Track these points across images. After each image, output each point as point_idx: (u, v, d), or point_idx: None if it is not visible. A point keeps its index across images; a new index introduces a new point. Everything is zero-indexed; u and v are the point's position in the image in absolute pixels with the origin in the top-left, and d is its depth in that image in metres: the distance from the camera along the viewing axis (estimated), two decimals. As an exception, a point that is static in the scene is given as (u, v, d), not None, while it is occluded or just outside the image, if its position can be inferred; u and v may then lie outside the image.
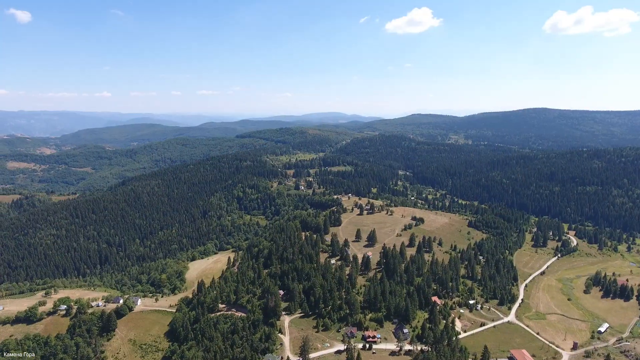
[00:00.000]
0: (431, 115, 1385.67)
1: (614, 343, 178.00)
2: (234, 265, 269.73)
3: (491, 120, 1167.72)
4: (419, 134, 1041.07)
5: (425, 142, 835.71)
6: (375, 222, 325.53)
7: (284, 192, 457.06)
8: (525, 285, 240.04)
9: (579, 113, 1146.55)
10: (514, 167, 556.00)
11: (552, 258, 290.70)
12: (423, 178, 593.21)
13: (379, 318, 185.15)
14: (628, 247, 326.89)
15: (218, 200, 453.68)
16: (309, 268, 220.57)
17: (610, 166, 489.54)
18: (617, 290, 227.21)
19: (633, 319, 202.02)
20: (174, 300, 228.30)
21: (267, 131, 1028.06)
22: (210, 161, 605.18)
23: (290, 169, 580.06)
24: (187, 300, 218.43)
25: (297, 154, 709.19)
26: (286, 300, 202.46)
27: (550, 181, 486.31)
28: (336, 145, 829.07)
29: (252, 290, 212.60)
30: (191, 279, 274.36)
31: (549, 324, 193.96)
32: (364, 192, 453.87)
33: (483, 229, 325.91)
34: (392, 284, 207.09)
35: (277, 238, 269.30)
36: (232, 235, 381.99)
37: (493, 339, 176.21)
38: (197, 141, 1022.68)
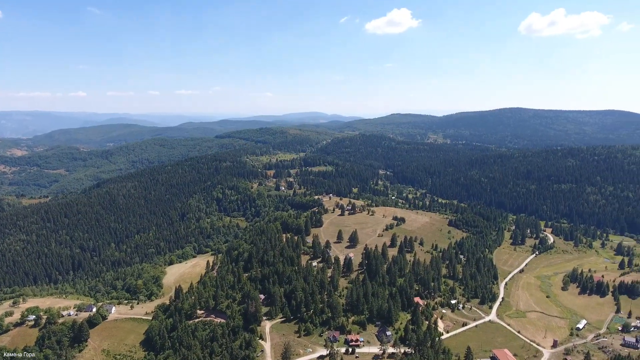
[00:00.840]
0: (410, 115, 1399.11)
1: (592, 339, 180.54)
2: (213, 269, 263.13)
3: (469, 120, 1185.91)
4: (399, 133, 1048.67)
5: (405, 142, 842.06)
6: (357, 222, 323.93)
7: (264, 193, 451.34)
8: (505, 284, 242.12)
9: (552, 113, 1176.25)
10: (491, 166, 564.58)
11: (530, 255, 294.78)
12: (403, 177, 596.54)
13: (362, 321, 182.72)
14: (602, 244, 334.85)
15: (197, 202, 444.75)
16: (290, 271, 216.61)
17: (583, 164, 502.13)
18: (593, 287, 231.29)
19: (609, 314, 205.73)
20: (151, 307, 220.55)
21: (247, 131, 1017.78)
22: (188, 162, 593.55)
23: (270, 169, 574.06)
24: (164, 306, 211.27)
25: (278, 154, 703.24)
26: (267, 305, 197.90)
27: (526, 179, 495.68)
28: (317, 145, 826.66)
29: (232, 295, 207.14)
30: (169, 284, 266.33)
31: (529, 322, 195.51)
32: (345, 192, 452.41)
33: (463, 227, 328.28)
34: (374, 285, 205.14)
35: (257, 240, 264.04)
36: (212, 237, 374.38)
37: (475, 339, 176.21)
38: (176, 142, 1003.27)
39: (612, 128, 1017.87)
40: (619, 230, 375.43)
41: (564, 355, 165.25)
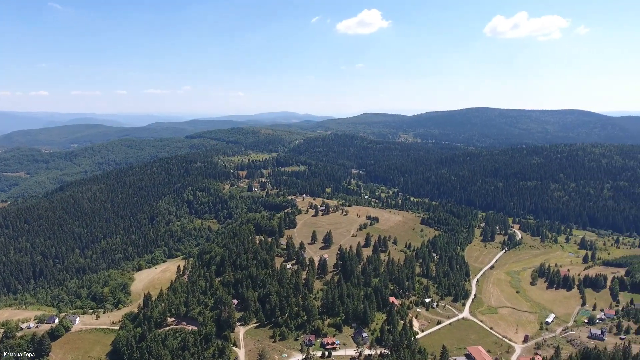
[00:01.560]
0: (381, 115, 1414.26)
1: (560, 333, 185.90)
2: (184, 274, 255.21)
3: (438, 119, 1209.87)
4: (371, 132, 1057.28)
5: (377, 141, 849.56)
6: (331, 222, 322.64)
7: (236, 194, 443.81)
8: (477, 280, 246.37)
9: (516, 112, 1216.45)
10: (461, 164, 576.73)
11: (500, 252, 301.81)
12: (375, 176, 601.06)
13: (338, 323, 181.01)
14: (566, 238, 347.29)
15: (167, 204, 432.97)
16: (264, 274, 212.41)
17: (547, 162, 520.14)
18: (560, 281, 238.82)
19: (576, 307, 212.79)
20: (118, 316, 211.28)
21: (219, 131, 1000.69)
22: (158, 163, 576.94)
23: (242, 169, 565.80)
24: (132, 315, 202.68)
25: (250, 155, 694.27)
26: (240, 310, 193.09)
27: (494, 177, 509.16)
28: (289, 145, 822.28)
29: (204, 300, 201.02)
30: (137, 291, 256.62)
31: (501, 318, 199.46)
32: (318, 192, 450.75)
33: (435, 226, 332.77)
34: (349, 286, 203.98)
35: (229, 243, 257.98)
36: (182, 241, 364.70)
37: (450, 337, 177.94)
38: (144, 142, 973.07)
39: (572, 127, 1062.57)
40: (582, 225, 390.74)
41: (534, 349, 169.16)
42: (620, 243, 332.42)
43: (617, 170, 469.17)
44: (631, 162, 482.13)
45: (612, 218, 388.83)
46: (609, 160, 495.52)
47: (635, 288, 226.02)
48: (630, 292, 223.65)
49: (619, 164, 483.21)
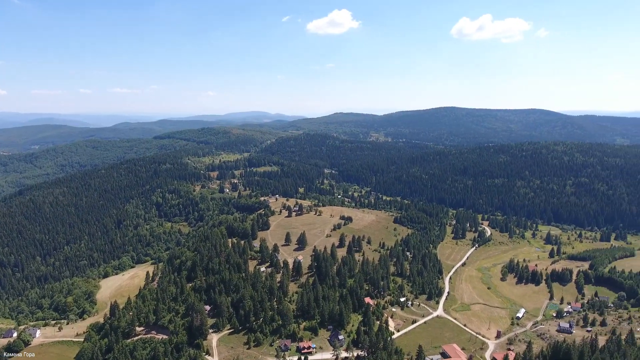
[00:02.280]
0: (353, 114, 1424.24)
1: (530, 327, 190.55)
2: (153, 280, 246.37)
3: (408, 118, 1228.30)
4: (342, 132, 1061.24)
5: (349, 141, 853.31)
6: (305, 223, 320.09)
7: (207, 196, 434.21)
8: (450, 278, 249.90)
9: (483, 111, 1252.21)
10: (431, 163, 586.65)
11: (471, 249, 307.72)
12: (348, 176, 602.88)
13: (314, 326, 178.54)
14: (533, 234, 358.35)
15: (134, 207, 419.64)
16: (237, 278, 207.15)
17: (513, 160, 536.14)
18: (529, 276, 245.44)
19: (544, 302, 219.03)
20: (83, 327, 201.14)
21: (189, 131, 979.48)
22: (125, 165, 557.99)
23: (213, 170, 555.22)
24: (98, 326, 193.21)
25: (221, 155, 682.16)
26: (213, 316, 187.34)
27: (463, 175, 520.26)
28: (261, 145, 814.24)
29: (175, 308, 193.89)
30: (103, 299, 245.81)
31: (474, 314, 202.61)
32: (291, 193, 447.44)
33: (408, 224, 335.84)
34: (324, 288, 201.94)
35: (201, 247, 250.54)
36: (152, 245, 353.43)
37: (425, 336, 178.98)
38: (110, 143, 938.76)
39: (534, 125, 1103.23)
40: (547, 221, 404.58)
41: (507, 345, 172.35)
42: (583, 237, 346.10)
43: (578, 167, 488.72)
44: (591, 159, 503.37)
45: (575, 213, 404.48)
46: (571, 157, 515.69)
47: (599, 281, 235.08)
48: (595, 285, 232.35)
49: (579, 161, 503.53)
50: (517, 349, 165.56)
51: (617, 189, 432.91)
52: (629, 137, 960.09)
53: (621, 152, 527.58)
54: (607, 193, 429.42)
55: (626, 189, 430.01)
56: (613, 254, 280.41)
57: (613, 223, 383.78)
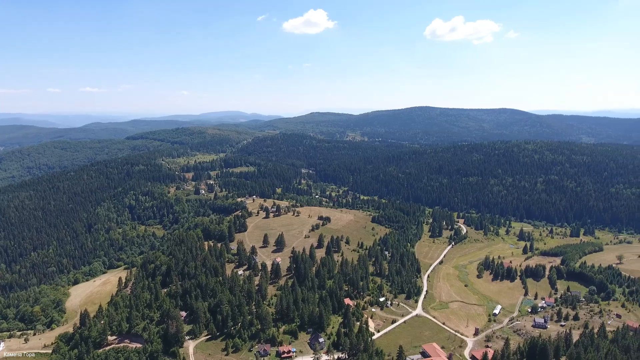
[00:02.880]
0: (329, 114, 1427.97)
1: (507, 323, 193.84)
2: (126, 286, 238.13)
3: (383, 118, 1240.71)
4: (319, 132, 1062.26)
5: (325, 140, 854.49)
6: (283, 224, 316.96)
7: (182, 198, 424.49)
8: (428, 276, 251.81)
9: (456, 111, 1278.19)
10: (407, 162, 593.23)
11: (447, 246, 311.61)
12: (325, 175, 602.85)
13: (293, 330, 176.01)
14: (507, 231, 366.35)
15: (106, 210, 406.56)
16: (214, 283, 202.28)
17: (487, 158, 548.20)
18: (504, 273, 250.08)
19: (519, 298, 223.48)
20: (51, 338, 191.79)
21: (162, 132, 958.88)
22: (95, 166, 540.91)
23: (189, 171, 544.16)
24: (67, 336, 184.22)
25: (196, 156, 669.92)
26: (190, 323, 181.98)
27: (439, 174, 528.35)
28: (237, 145, 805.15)
29: (149, 315, 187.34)
30: (73, 307, 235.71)
31: (452, 312, 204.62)
32: (268, 193, 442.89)
33: (386, 224, 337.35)
34: (304, 290, 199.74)
35: (176, 251, 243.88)
36: (124, 250, 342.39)
37: (405, 335, 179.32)
38: (80, 144, 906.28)
39: (505, 124, 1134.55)
40: (519, 218, 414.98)
41: (485, 342, 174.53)
42: (554, 233, 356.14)
43: (547, 165, 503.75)
44: (560, 157, 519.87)
45: (546, 210, 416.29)
46: (541, 155, 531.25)
47: (570, 276, 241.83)
48: (567, 280, 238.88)
49: (549, 159, 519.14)
50: (494, 345, 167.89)
51: (584, 186, 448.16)
52: (594, 136, 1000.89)
53: (587, 150, 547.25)
54: (575, 190, 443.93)
55: (593, 186, 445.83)
56: (583, 249, 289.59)
57: (581, 219, 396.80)
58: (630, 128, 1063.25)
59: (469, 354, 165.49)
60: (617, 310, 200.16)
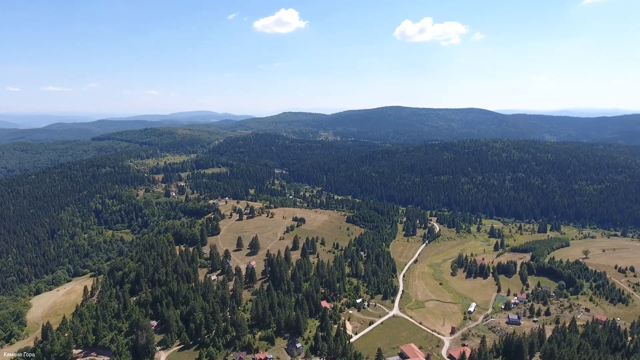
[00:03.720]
0: (301, 113, 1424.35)
1: (482, 321, 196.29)
2: (92, 295, 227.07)
3: (355, 117, 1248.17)
4: (292, 131, 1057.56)
5: (298, 140, 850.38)
6: (257, 226, 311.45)
7: (152, 201, 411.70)
8: (403, 275, 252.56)
9: (426, 110, 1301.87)
10: (380, 161, 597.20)
11: (421, 245, 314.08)
12: (299, 175, 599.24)
13: (270, 335, 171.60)
14: (478, 228, 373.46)
15: (70, 215, 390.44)
16: (186, 289, 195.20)
17: (457, 157, 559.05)
18: (477, 270, 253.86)
19: (493, 294, 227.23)
20: (10, 354, 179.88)
21: (130, 132, 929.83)
22: (59, 169, 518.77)
23: (158, 173, 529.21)
24: (28, 350, 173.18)
25: (166, 157, 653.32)
26: (161, 332, 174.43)
27: (411, 172, 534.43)
28: (209, 146, 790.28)
29: (117, 325, 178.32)
30: (35, 319, 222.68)
31: (429, 312, 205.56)
32: (241, 195, 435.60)
33: (361, 223, 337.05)
34: (280, 294, 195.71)
35: (145, 257, 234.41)
36: (90, 256, 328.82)
37: (383, 337, 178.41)
38: (42, 145, 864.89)
39: (473, 124, 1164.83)
40: (489, 215, 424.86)
41: (461, 340, 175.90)
42: (522, 229, 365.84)
43: (515, 163, 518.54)
44: (526, 155, 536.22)
45: (514, 207, 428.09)
46: (508, 154, 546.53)
47: (540, 271, 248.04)
48: (537, 276, 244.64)
49: (516, 157, 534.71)
50: (471, 344, 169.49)
51: (550, 183, 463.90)
52: (556, 134, 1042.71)
53: (552, 149, 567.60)
54: (541, 187, 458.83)
55: (558, 183, 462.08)
56: (551, 244, 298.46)
57: (548, 215, 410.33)
58: (588, 127, 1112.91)
59: (446, 354, 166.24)
60: (586, 304, 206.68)
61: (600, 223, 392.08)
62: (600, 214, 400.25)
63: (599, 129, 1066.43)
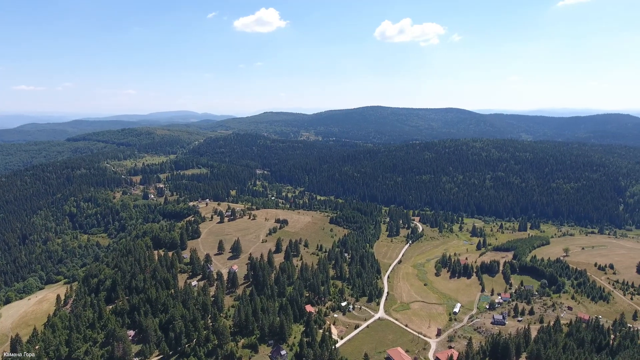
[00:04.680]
0: (283, 113, 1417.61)
1: (467, 321, 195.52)
2: (65, 303, 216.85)
3: (336, 117, 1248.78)
4: (273, 131, 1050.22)
5: (280, 140, 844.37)
6: (238, 229, 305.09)
7: (129, 204, 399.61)
8: (388, 277, 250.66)
9: (406, 110, 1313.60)
10: (362, 161, 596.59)
11: (405, 245, 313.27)
12: (281, 176, 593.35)
13: (253, 343, 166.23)
14: (460, 227, 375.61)
15: (43, 219, 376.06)
16: (165, 296, 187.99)
17: (438, 156, 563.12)
18: (461, 270, 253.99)
19: (477, 294, 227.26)
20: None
21: (107, 132, 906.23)
22: (31, 171, 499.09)
23: (136, 175, 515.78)
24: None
25: (145, 158, 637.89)
26: (138, 342, 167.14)
27: (393, 172, 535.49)
28: (188, 146, 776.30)
29: (92, 336, 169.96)
30: (4, 331, 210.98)
31: (414, 313, 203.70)
32: (222, 196, 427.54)
33: (344, 224, 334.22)
34: (263, 299, 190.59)
35: (122, 263, 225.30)
36: (65, 262, 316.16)
37: (369, 341, 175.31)
38: (14, 147, 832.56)
39: (452, 123, 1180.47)
40: (470, 214, 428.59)
41: (448, 343, 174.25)
42: (503, 228, 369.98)
43: (494, 162, 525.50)
44: (505, 154, 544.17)
45: (494, 205, 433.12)
46: (488, 153, 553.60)
47: (523, 270, 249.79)
48: (520, 275, 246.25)
49: (495, 156, 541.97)
50: (457, 346, 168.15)
51: (528, 182, 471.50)
52: (532, 133, 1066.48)
53: (530, 147, 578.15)
54: (520, 185, 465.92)
55: (536, 181, 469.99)
56: (532, 243, 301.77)
57: (527, 213, 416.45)
58: (562, 126, 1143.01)
59: (433, 357, 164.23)
60: (568, 303, 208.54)
61: (578, 220, 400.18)
62: (577, 211, 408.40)
63: (573, 128, 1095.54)
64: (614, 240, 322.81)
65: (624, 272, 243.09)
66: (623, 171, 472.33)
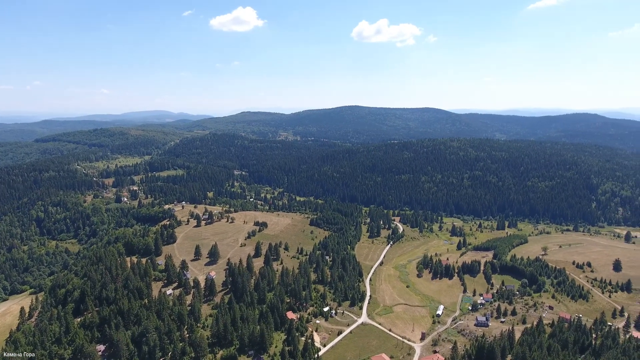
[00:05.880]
0: (260, 113, 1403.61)
1: (451, 324, 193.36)
2: (30, 316, 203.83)
3: (314, 117, 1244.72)
4: (250, 131, 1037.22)
5: (258, 140, 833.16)
6: (216, 233, 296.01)
7: (101, 207, 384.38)
8: (370, 279, 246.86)
9: (384, 110, 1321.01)
10: (341, 161, 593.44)
11: (386, 246, 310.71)
12: (259, 177, 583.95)
13: (232, 354, 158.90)
14: (440, 226, 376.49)
15: (8, 225, 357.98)
16: (138, 307, 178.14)
17: (417, 156, 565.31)
18: (442, 271, 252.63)
19: (459, 295, 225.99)
20: None
21: (78, 133, 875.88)
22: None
23: (109, 177, 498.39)
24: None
25: (118, 159, 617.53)
26: (109, 357, 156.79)
27: (372, 172, 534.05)
28: (164, 147, 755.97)
29: (58, 352, 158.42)
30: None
31: (397, 317, 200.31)
32: (199, 199, 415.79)
33: (324, 226, 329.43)
34: (242, 307, 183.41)
35: (92, 271, 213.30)
36: (31, 271, 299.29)
37: (353, 347, 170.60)
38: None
39: (429, 123, 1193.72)
40: (449, 213, 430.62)
41: (432, 346, 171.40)
42: (482, 227, 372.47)
43: (471, 162, 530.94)
44: (482, 153, 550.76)
45: (473, 204, 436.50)
46: (465, 152, 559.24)
47: (503, 270, 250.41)
48: (500, 274, 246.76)
49: (472, 155, 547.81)
50: (442, 349, 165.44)
51: (505, 181, 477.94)
52: (505, 133, 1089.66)
53: (505, 147, 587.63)
54: (497, 184, 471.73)
55: (512, 180, 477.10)
56: (511, 242, 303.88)
57: (504, 211, 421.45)
58: (535, 125, 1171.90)
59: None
60: (549, 302, 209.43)
61: (553, 218, 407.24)
62: (552, 209, 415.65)
63: (544, 128, 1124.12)
64: (589, 238, 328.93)
65: (601, 269, 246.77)
66: (594, 169, 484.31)
